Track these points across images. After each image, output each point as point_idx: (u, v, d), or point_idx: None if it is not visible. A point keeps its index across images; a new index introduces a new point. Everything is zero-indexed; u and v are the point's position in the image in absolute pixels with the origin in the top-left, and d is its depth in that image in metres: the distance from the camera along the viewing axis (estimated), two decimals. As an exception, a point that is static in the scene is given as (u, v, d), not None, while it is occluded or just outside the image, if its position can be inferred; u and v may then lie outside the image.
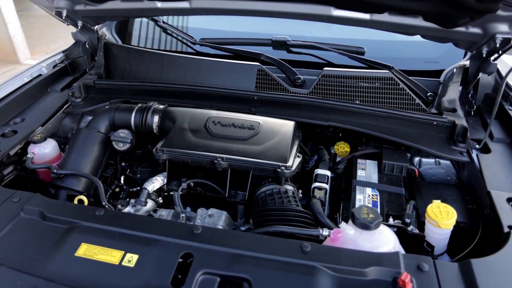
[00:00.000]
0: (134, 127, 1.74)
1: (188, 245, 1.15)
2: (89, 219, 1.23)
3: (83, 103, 2.00)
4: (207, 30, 2.30)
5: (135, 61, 2.08)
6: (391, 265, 1.09)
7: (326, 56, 2.10)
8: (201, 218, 1.41)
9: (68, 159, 1.67)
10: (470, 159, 1.61)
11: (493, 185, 1.46)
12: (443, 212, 1.35)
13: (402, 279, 1.04)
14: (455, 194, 1.59)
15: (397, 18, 1.58)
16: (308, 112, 1.81)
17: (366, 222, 1.20)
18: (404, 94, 1.85)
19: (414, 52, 2.17)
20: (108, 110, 1.80)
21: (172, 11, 1.82)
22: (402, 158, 1.70)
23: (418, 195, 1.58)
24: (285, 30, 2.24)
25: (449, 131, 1.72)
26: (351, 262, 1.10)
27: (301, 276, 1.08)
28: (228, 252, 1.13)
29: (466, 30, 1.55)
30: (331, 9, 1.64)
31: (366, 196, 1.57)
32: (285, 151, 1.49)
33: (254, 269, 1.09)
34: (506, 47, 1.56)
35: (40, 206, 1.28)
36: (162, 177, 1.57)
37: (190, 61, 2.01)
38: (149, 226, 1.21)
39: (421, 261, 1.11)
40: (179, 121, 1.65)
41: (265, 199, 1.44)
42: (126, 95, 1.97)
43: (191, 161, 1.50)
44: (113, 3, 1.83)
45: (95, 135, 1.73)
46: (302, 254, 1.13)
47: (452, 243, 1.40)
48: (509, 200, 1.37)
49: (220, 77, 1.94)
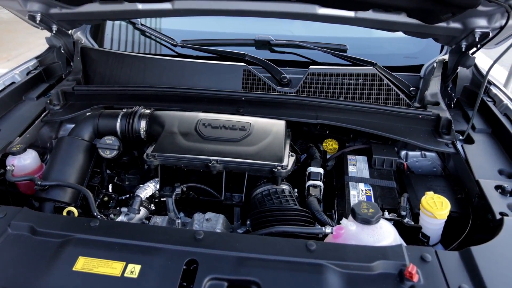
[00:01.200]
0: (120, 133, 1.68)
1: (191, 252, 1.11)
2: (83, 231, 1.18)
3: (62, 110, 1.91)
4: (187, 31, 2.26)
5: (115, 65, 2.01)
6: (396, 258, 1.11)
7: (309, 54, 2.12)
8: (199, 222, 1.38)
9: (52, 169, 1.59)
10: (455, 150, 1.67)
11: (480, 174, 1.51)
12: (437, 203, 1.38)
13: (409, 270, 1.05)
14: (444, 185, 1.64)
15: (381, 15, 1.61)
16: (296, 110, 1.81)
17: (367, 217, 1.21)
18: (388, 89, 1.89)
19: (393, 48, 2.23)
20: (91, 116, 1.73)
21: (154, 13, 1.77)
22: (391, 152, 1.73)
23: (409, 188, 1.62)
24: (265, 30, 2.23)
25: (433, 124, 1.78)
26: (357, 258, 1.11)
27: (309, 275, 1.07)
28: (233, 256, 1.11)
29: (447, 26, 1.61)
30: (316, 8, 1.65)
31: (359, 192, 1.59)
32: (280, 151, 1.49)
33: (262, 271, 1.07)
34: (485, 41, 1.63)
35: (29, 221, 1.21)
36: (154, 183, 1.52)
37: (174, 64, 1.96)
38: (149, 234, 1.16)
39: (424, 252, 1.14)
40: (168, 125, 1.61)
41: (262, 200, 1.43)
42: (108, 101, 1.90)
43: (184, 166, 1.47)
44: (90, 6, 1.76)
45: (78, 143, 1.66)
46: (308, 252, 1.12)
47: (443, 232, 1.44)
48: (497, 188, 1.43)
49: (206, 79, 1.91)
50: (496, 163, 1.58)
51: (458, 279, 1.07)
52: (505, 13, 1.47)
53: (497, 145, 1.68)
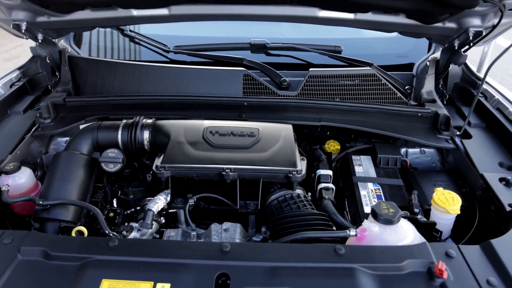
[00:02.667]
0: (122, 145, 1.61)
1: (221, 265, 1.08)
2: (103, 251, 1.12)
3: (53, 124, 1.81)
4: (177, 37, 2.20)
5: (107, 74, 1.93)
6: (423, 256, 1.13)
7: (303, 56, 2.12)
8: (217, 233, 1.35)
9: (51, 187, 1.50)
10: (455, 146, 1.72)
11: (483, 167, 1.57)
12: (448, 199, 1.42)
13: (439, 268, 1.07)
14: (447, 180, 1.69)
15: (380, 16, 1.64)
16: (298, 113, 1.81)
17: (389, 217, 1.23)
18: (386, 88, 1.93)
19: (385, 48, 2.28)
20: (89, 129, 1.65)
21: (149, 19, 1.71)
22: (395, 151, 1.77)
23: (415, 185, 1.66)
24: (257, 33, 2.22)
25: (431, 121, 1.83)
26: (385, 259, 1.12)
27: (343, 279, 1.07)
28: (264, 266, 1.09)
29: (443, 25, 1.66)
30: (316, 10, 1.66)
31: (369, 191, 1.61)
32: (292, 155, 1.48)
33: (295, 280, 1.06)
34: (477, 39, 1.69)
35: (41, 245, 1.13)
36: (164, 195, 1.47)
37: (171, 70, 1.91)
38: (173, 250, 1.12)
39: (448, 248, 1.16)
40: (174, 134, 1.56)
41: (279, 206, 1.41)
42: (102, 111, 1.83)
43: (196, 176, 1.43)
44: (81, 13, 1.67)
45: (78, 157, 1.58)
46: (337, 257, 1.12)
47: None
48: (501, 180, 1.49)
49: (205, 85, 1.87)
50: (495, 156, 1.65)
51: (484, 273, 1.10)
52: (498, 13, 1.54)
53: (493, 138, 1.75)
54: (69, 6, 1.62)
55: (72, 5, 1.61)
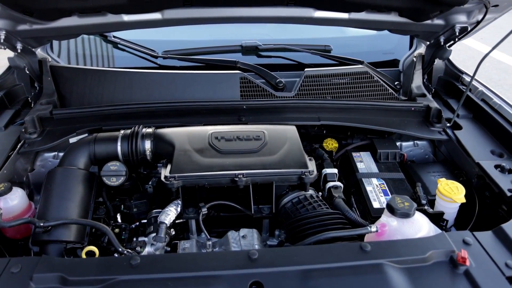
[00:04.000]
0: (122, 157, 1.54)
1: (252, 273, 1.06)
2: (126, 271, 1.06)
3: (40, 139, 1.70)
4: (164, 41, 2.14)
5: (95, 83, 1.83)
6: (443, 245, 1.16)
7: (294, 57, 2.13)
8: (235, 241, 1.32)
9: (49, 206, 1.41)
10: (448, 137, 1.80)
11: (477, 156, 1.65)
12: (453, 188, 1.48)
13: (462, 256, 1.11)
14: (444, 170, 1.76)
15: (374, 15, 1.68)
16: (298, 114, 1.82)
17: (406, 211, 1.26)
18: (378, 85, 1.98)
19: (369, 46, 2.33)
20: (84, 142, 1.57)
21: (141, 24, 1.65)
22: (393, 145, 1.82)
23: (415, 177, 1.71)
24: (243, 35, 2.21)
25: (423, 114, 1.90)
26: (410, 252, 1.15)
27: (374, 276, 1.08)
28: (295, 270, 1.08)
29: (431, 22, 1.72)
30: (312, 11, 1.67)
31: (374, 187, 1.64)
32: (302, 156, 1.48)
33: (329, 281, 1.06)
34: (463, 35, 1.77)
35: (55, 270, 1.06)
36: (175, 206, 1.42)
37: (165, 76, 1.85)
38: (201, 263, 1.09)
39: (464, 236, 1.21)
40: (178, 142, 1.51)
41: (294, 208, 1.41)
42: (94, 123, 1.74)
43: (208, 184, 1.39)
44: (68, 20, 1.58)
45: (75, 173, 1.50)
46: (364, 254, 1.13)
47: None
48: (496, 167, 1.57)
49: (201, 90, 1.83)
50: (485, 144, 1.74)
51: (501, 256, 1.15)
52: (483, 9, 1.62)
53: (481, 128, 1.84)
54: (55, 13, 1.52)
55: (59, 11, 1.52)
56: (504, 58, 5.94)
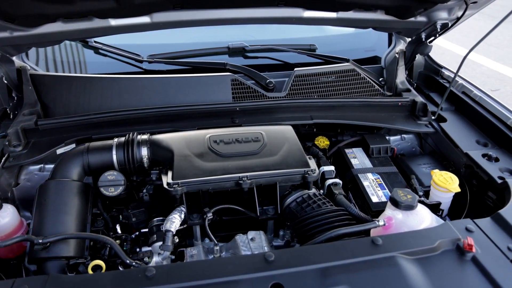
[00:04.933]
0: (118, 165, 1.49)
1: (271, 276, 1.06)
2: (142, 283, 1.03)
3: (26, 151, 1.61)
4: (147, 45, 2.08)
5: (81, 91, 1.76)
6: (449, 234, 1.21)
7: (280, 57, 2.14)
8: (244, 244, 1.31)
9: (45, 221, 1.34)
10: (435, 129, 1.87)
11: (464, 147, 1.73)
12: (447, 179, 1.54)
13: (468, 243, 1.16)
14: (433, 162, 1.83)
15: (361, 14, 1.71)
16: (290, 114, 1.83)
17: (410, 203, 1.29)
18: (365, 82, 2.03)
19: (350, 44, 2.38)
20: (76, 152, 1.50)
21: (129, 29, 1.59)
22: (383, 140, 1.87)
23: (407, 170, 1.77)
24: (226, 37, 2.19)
25: (409, 108, 1.96)
26: (419, 243, 1.18)
27: (388, 268, 1.11)
28: (314, 269, 1.09)
29: (415, 20, 1.79)
30: (301, 11, 1.68)
31: (370, 181, 1.68)
32: (303, 155, 1.49)
33: (347, 277, 1.07)
34: (443, 30, 1.85)
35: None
36: (178, 213, 1.39)
37: (154, 81, 1.80)
38: (218, 269, 1.07)
39: (466, 224, 1.26)
40: (176, 148, 1.48)
41: (299, 207, 1.42)
42: (82, 132, 1.67)
43: (212, 188, 1.37)
44: (51, 26, 1.51)
45: (69, 185, 1.43)
46: (376, 248, 1.16)
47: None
48: (484, 156, 1.65)
49: (193, 94, 1.80)
50: (470, 135, 1.82)
51: (503, 241, 1.21)
52: (463, 5, 1.70)
53: (464, 120, 1.93)
54: (38, 19, 1.45)
55: (43, 17, 1.44)
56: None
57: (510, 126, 1.72)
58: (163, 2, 1.48)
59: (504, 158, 1.64)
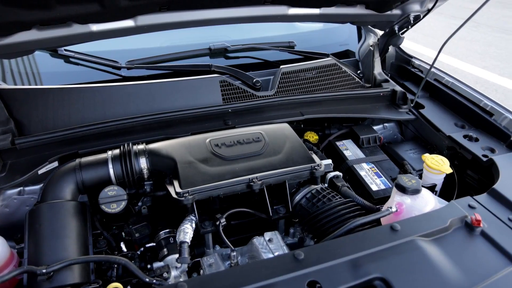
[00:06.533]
0: (116, 179, 1.40)
1: (305, 274, 1.06)
2: (176, 300, 0.97)
3: (4, 175, 1.46)
4: (122, 51, 1.98)
5: (59, 104, 1.62)
6: (456, 213, 1.28)
7: (260, 55, 2.13)
8: (263, 246, 1.29)
9: (42, 249, 1.23)
10: (415, 116, 1.97)
11: (445, 130, 1.83)
12: (438, 161, 1.63)
13: (476, 219, 1.24)
14: (417, 147, 1.93)
15: (343, 9, 1.75)
16: (281, 111, 1.83)
17: (416, 187, 1.35)
18: (346, 75, 2.08)
19: (325, 39, 2.43)
20: (67, 170, 1.39)
21: (111, 34, 1.49)
22: (371, 130, 1.93)
23: (397, 156, 1.84)
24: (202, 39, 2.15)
25: (389, 98, 2.05)
26: (432, 224, 1.24)
27: (412, 252, 1.15)
28: (344, 262, 1.10)
29: (391, 13, 1.86)
30: (286, 8, 1.69)
31: (366, 171, 1.73)
32: (306, 152, 1.50)
33: (376, 265, 1.10)
34: (416, 22, 1.95)
35: None
36: (189, 223, 1.33)
37: (140, 88, 1.70)
38: (252, 274, 1.04)
39: (468, 201, 1.34)
40: (178, 155, 1.42)
41: (309, 203, 1.42)
42: (66, 147, 1.55)
43: (223, 193, 1.33)
44: (25, 34, 1.37)
45: (65, 206, 1.32)
46: (396, 234, 1.19)
47: None
48: (465, 137, 1.77)
49: (181, 98, 1.73)
50: (448, 119, 1.94)
51: (503, 213, 1.31)
52: (434, -2, 1.80)
53: (439, 105, 2.05)
54: (11, 27, 1.31)
55: (16, 25, 1.31)
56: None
57: (483, 107, 1.86)
58: (149, 4, 1.41)
59: (482, 137, 1.76)
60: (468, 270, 1.11)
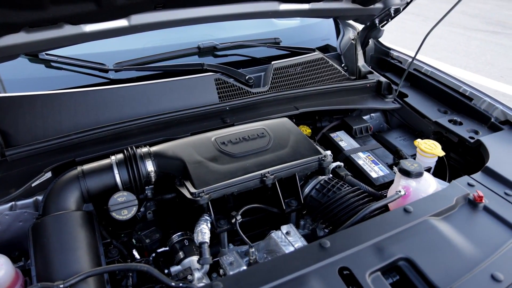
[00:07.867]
0: (122, 185, 1.35)
1: (334, 261, 1.08)
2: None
3: None
4: (107, 53, 1.89)
5: (49, 111, 1.52)
6: (458, 192, 1.36)
7: (247, 52, 2.13)
8: (282, 240, 1.29)
9: (53, 264, 1.15)
10: (401, 105, 2.06)
11: (431, 116, 1.93)
12: (431, 145, 1.71)
13: (479, 195, 1.32)
14: (405, 133, 2.02)
15: (330, 4, 1.80)
16: (276, 107, 1.84)
17: (419, 170, 1.41)
18: (333, 69, 2.13)
19: (306, 35, 2.47)
20: (69, 179, 1.32)
21: (104, 34, 1.42)
22: (362, 121, 1.99)
23: (388, 144, 1.92)
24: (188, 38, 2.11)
25: (374, 89, 2.12)
26: (440, 204, 1.31)
27: (427, 231, 1.20)
28: (368, 246, 1.13)
29: (374, 6, 1.93)
30: (277, 4, 1.70)
31: (363, 159, 1.78)
32: (311, 143, 1.52)
33: (399, 247, 1.14)
34: (396, 14, 2.03)
35: None
36: (205, 222, 1.31)
37: (134, 90, 1.64)
38: (283, 267, 1.05)
39: (467, 180, 1.43)
40: (185, 156, 1.39)
41: (320, 194, 1.45)
42: (61, 156, 1.47)
43: (238, 190, 1.32)
44: (13, 37, 1.29)
45: (71, 217, 1.25)
46: (410, 216, 1.25)
47: None
48: (450, 121, 1.87)
49: (177, 99, 1.69)
50: (431, 105, 2.05)
51: (499, 188, 1.40)
52: (413, -9, 1.89)
53: (421, 93, 2.15)
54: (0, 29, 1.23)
55: (5, 27, 1.22)
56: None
57: (463, 93, 1.97)
58: (145, 2, 1.37)
59: (465, 121, 1.88)
60: (479, 243, 1.18)
